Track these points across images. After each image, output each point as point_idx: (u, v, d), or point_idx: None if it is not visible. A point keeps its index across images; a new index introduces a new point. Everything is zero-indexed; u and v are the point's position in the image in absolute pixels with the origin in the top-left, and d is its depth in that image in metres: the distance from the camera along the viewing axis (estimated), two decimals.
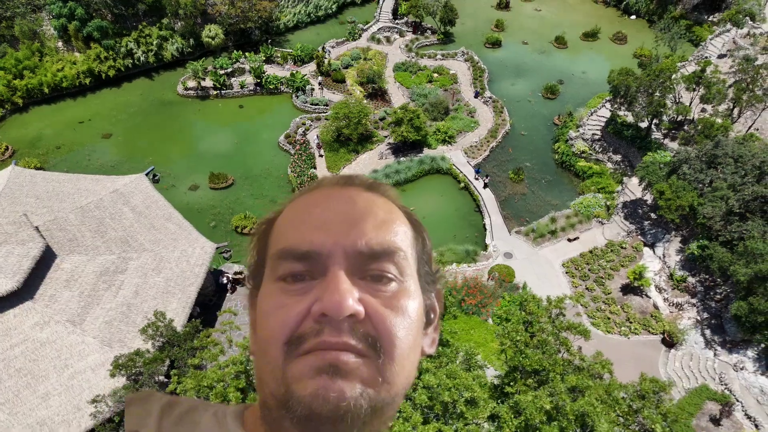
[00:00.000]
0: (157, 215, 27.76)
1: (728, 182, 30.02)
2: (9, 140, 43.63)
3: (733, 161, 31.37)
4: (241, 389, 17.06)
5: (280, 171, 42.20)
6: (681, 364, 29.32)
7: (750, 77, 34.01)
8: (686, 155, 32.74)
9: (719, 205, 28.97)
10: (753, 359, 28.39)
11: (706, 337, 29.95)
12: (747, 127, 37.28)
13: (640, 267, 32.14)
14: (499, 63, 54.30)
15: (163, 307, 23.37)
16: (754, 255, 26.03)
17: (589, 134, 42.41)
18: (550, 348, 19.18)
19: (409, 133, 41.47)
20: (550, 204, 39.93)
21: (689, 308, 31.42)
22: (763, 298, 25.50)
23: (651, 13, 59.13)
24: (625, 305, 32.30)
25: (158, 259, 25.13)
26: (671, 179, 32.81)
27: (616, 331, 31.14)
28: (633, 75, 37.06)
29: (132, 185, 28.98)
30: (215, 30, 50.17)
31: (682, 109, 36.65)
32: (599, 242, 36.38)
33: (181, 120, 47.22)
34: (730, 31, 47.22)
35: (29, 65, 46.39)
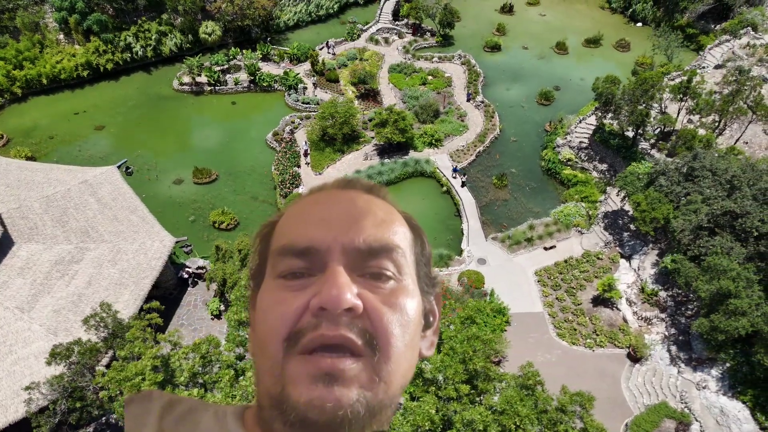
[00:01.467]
0: (122, 207, 28.18)
1: (703, 196, 29.29)
2: (6, 129, 44.72)
3: (711, 174, 30.61)
4: (159, 383, 17.20)
5: (264, 168, 42.48)
6: (644, 379, 28.70)
7: (735, 89, 33.08)
8: (664, 167, 32.06)
9: (690, 219, 28.28)
10: (716, 378, 27.64)
11: (671, 354, 29.28)
12: (734, 140, 36.31)
13: (610, 278, 31.57)
14: (496, 67, 53.84)
15: (115, 299, 23.71)
16: (717, 271, 25.34)
17: (576, 142, 41.80)
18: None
19: (394, 134, 41.37)
20: (531, 211, 39.47)
21: (658, 323, 30.75)
22: (724, 316, 24.82)
23: (658, 20, 58.00)
24: (594, 317, 31.74)
25: (116, 250, 25.51)
26: (648, 191, 32.16)
27: (581, 343, 30.63)
28: (618, 83, 36.41)
29: (102, 177, 29.47)
30: (212, 26, 50.72)
31: (666, 119, 35.86)
32: (576, 252, 35.83)
33: (174, 114, 47.84)
34: (730, 41, 46.06)
35: (29, 56, 47.49)
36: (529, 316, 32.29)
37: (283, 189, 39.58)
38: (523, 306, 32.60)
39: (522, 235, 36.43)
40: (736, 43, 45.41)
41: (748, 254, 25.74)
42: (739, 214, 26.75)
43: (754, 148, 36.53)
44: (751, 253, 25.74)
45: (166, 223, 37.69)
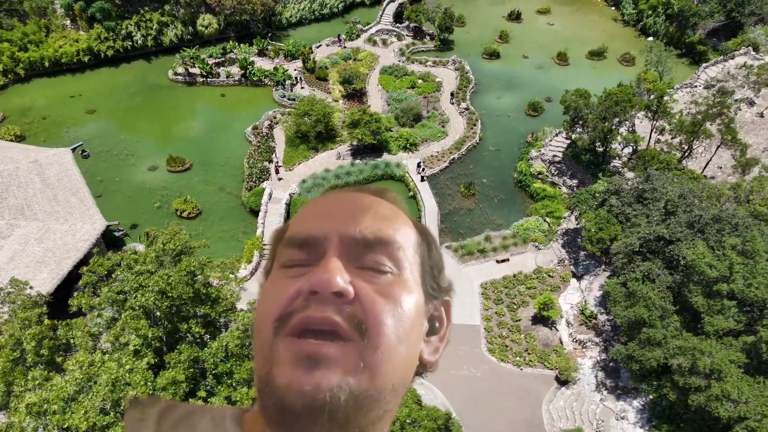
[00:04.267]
0: (64, 188, 29.22)
1: (648, 219, 28.14)
2: (5, 107, 47.00)
3: (663, 197, 29.39)
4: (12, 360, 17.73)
5: (238, 161, 43.15)
6: (566, 403, 27.83)
7: (704, 111, 31.50)
8: (617, 186, 30.97)
9: (626, 242, 27.21)
10: (637, 409, 26.55)
11: (598, 380, 28.27)
12: (705, 164, 34.62)
13: (547, 296, 30.73)
14: (491, 75, 53.05)
15: (32, 276, 24.60)
16: (637, 298, 24.31)
17: (550, 155, 40.78)
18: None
19: (365, 136, 41.32)
20: (494, 223, 38.74)
21: (593, 347, 29.74)
22: (638, 345, 23.81)
23: (670, 35, 55.90)
24: (529, 335, 30.95)
25: (45, 229, 26.50)
26: (599, 210, 31.17)
27: (510, 361, 29.90)
28: (588, 97, 35.32)
29: (53, 158, 30.64)
30: (209, 19, 51.89)
31: (634, 137, 34.52)
32: (529, 267, 34.99)
33: (164, 103, 49.17)
34: (728, 60, 43.93)
35: (34, 39, 49.72)
36: (465, 328, 31.71)
37: (249, 182, 40.14)
38: (460, 317, 32.03)
39: (476, 246, 35.84)
40: (732, 63, 43.28)
41: (672, 282, 24.56)
42: (669, 240, 25.54)
43: (727, 173, 34.77)
44: (677, 281, 24.56)
45: (132, 207, 39.20)
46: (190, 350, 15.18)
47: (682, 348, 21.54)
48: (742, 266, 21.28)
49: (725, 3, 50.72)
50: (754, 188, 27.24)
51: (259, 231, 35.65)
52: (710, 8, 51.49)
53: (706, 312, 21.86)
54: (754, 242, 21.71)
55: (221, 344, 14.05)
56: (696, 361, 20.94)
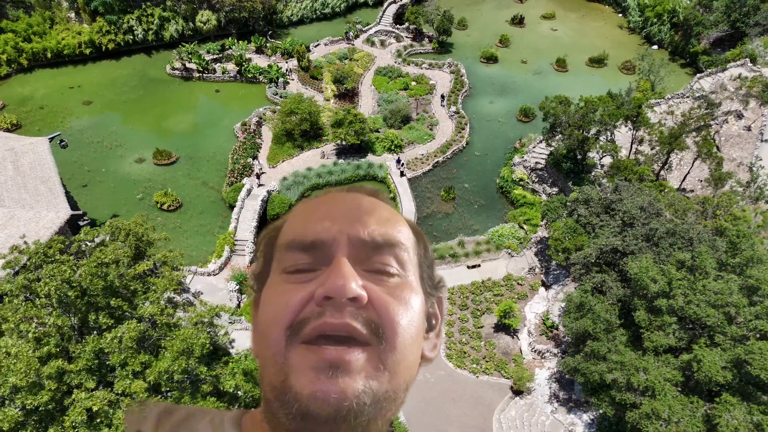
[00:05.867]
0: (36, 177, 29.94)
1: (605, 230, 27.64)
2: (5, 96, 48.33)
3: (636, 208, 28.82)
4: None
5: (223, 156, 43.60)
6: (517, 413, 27.50)
7: (681, 123, 30.76)
8: (587, 196, 30.48)
9: (584, 253, 26.76)
10: (586, 423, 26.11)
11: (552, 391, 27.87)
12: (683, 176, 33.81)
13: (508, 304, 30.39)
14: (487, 79, 52.66)
15: None
16: (584, 310, 23.89)
17: (533, 162, 40.31)
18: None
19: (349, 136, 41.39)
20: (471, 228, 38.47)
21: (551, 358, 29.32)
22: (584, 358, 23.42)
23: (675, 44, 54.75)
24: (490, 343, 30.66)
25: (9, 216, 27.18)
26: (566, 220, 30.75)
27: (467, 367, 29.65)
28: (569, 104, 34.84)
29: (30, 146, 31.43)
30: (207, 15, 52.55)
31: (607, 147, 33.90)
32: (499, 274, 34.65)
33: (159, 97, 49.97)
34: (724, 71, 42.83)
35: (38, 31, 50.99)
36: None
37: (230, 178, 40.53)
38: None
39: (448, 250, 35.63)
40: (726, 74, 42.17)
41: (624, 296, 24.08)
42: (624, 252, 25.03)
43: (708, 187, 33.90)
44: (628, 294, 24.07)
45: (115, 198, 39.97)
46: (96, 341, 15.44)
47: (619, 363, 21.12)
48: (682, 282, 20.75)
49: (730, 13, 49.50)
50: (720, 203, 26.52)
51: (232, 227, 35.96)
52: (715, 18, 50.32)
53: (646, 327, 21.37)
54: (701, 258, 21.14)
55: (116, 335, 14.30)
56: (630, 378, 20.52)
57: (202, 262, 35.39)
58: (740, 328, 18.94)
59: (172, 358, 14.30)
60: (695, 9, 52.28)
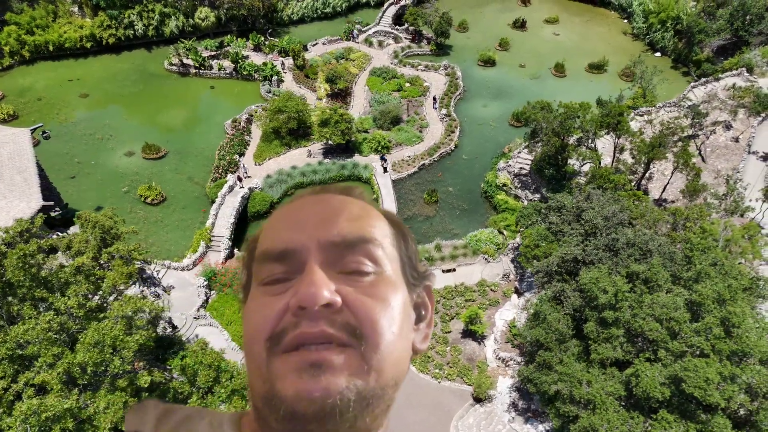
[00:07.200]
0: (13, 167, 30.49)
1: (575, 238, 27.20)
2: (6, 87, 49.40)
3: (601, 218, 28.33)
4: None
5: (212, 152, 43.91)
6: (475, 421, 27.20)
7: (660, 133, 30.09)
8: (559, 203, 30.06)
9: (547, 261, 26.36)
10: None
11: (512, 400, 27.51)
12: (662, 187, 33.07)
13: (473, 310, 30.10)
14: (483, 82, 52.23)
15: None
16: (540, 319, 23.53)
17: (517, 168, 39.87)
18: None
19: (334, 135, 41.39)
20: (451, 232, 38.19)
21: (515, 365, 28.94)
22: (536, 368, 23.08)
23: (678, 52, 53.69)
24: (455, 348, 30.38)
25: None
26: (538, 227, 30.36)
27: (429, 372, 29.42)
28: (546, 111, 34.37)
29: (11, 137, 32.02)
30: (206, 12, 53.03)
31: (586, 154, 33.34)
32: (474, 279, 34.33)
33: (155, 91, 50.56)
34: (719, 81, 41.81)
35: (41, 24, 51.97)
36: None
37: (215, 174, 40.81)
38: None
39: (424, 254, 35.35)
40: (720, 84, 41.15)
41: (579, 306, 23.63)
42: (583, 261, 24.57)
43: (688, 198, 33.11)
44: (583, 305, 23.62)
45: (101, 190, 40.52)
46: (18, 330, 15.64)
47: (565, 375, 20.74)
48: (630, 294, 20.27)
49: (733, 21, 48.36)
50: (690, 215, 25.85)
51: (209, 222, 36.18)
52: (718, 26, 49.22)
53: (594, 339, 20.94)
54: (653, 270, 20.62)
55: (30, 326, 14.50)
56: (573, 390, 20.14)
57: (179, 257, 35.70)
58: (680, 344, 18.44)
59: (84, 350, 14.44)
60: (699, 16, 51.22)
